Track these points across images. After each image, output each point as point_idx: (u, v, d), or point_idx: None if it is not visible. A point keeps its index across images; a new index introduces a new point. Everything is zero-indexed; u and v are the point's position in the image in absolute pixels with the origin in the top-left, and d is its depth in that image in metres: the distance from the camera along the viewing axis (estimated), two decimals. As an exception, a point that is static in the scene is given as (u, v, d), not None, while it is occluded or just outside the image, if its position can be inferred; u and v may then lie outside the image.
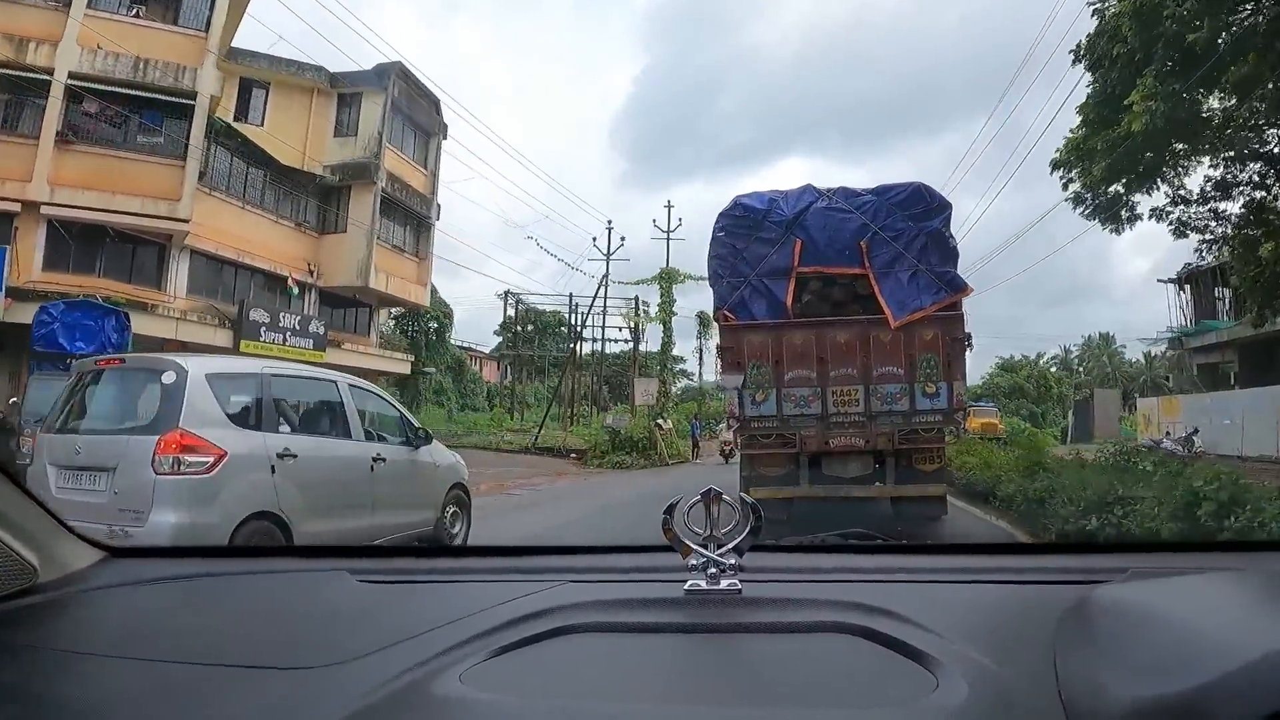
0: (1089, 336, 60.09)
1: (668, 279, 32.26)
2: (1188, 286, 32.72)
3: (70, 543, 1.61)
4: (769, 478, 9.63)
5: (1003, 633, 1.25)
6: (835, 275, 9.95)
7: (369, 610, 1.49)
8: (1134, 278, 73.29)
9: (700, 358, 48.93)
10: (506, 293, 46.15)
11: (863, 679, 1.14)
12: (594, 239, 35.97)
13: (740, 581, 1.38)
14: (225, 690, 1.16)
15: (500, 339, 51.15)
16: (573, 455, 28.46)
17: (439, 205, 31.56)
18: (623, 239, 36.23)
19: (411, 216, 30.32)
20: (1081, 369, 55.01)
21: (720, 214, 10.26)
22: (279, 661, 1.24)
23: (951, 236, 9.89)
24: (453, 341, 46.54)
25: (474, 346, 52.02)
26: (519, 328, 47.14)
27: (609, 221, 38.04)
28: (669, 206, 35.14)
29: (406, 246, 30.32)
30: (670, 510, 1.40)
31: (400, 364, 31.74)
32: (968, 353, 9.64)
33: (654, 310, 36.23)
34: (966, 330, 9.54)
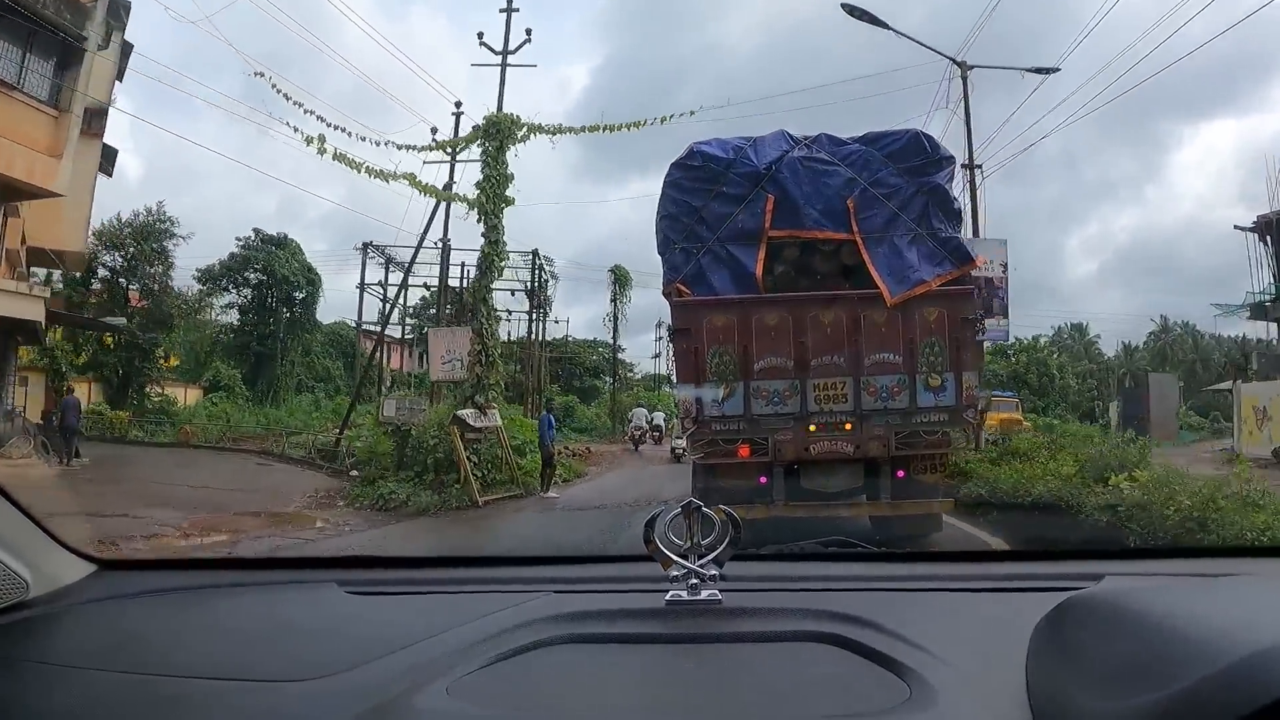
0: (1058, 327, 53.58)
1: (497, 133, 16.48)
2: (1269, 237, 24.88)
3: (61, 556, 1.63)
4: (733, 493, 7.87)
5: (977, 641, 1.28)
6: (816, 240, 8.32)
7: (357, 622, 1.52)
8: (1084, 278, 75.42)
9: (615, 326, 39.98)
10: (366, 245, 34.05)
11: (838, 688, 1.18)
12: (434, 130, 20.98)
13: (720, 591, 1.41)
14: (215, 704, 1.18)
15: (417, 318, 40.13)
16: (354, 472, 17.35)
17: (112, 27, 17.83)
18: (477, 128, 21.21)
19: (36, 29, 16.26)
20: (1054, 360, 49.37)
21: (673, 164, 8.55)
22: (269, 675, 1.25)
23: (955, 197, 8.37)
24: (350, 322, 38.50)
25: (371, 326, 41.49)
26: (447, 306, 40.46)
27: (458, 104, 22.65)
28: (509, 10, 19.68)
29: (25, 83, 16.44)
30: (651, 522, 1.42)
31: (23, 303, 17.29)
32: (979, 337, 8.12)
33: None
34: (978, 310, 8.02)
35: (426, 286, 33.12)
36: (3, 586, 1.44)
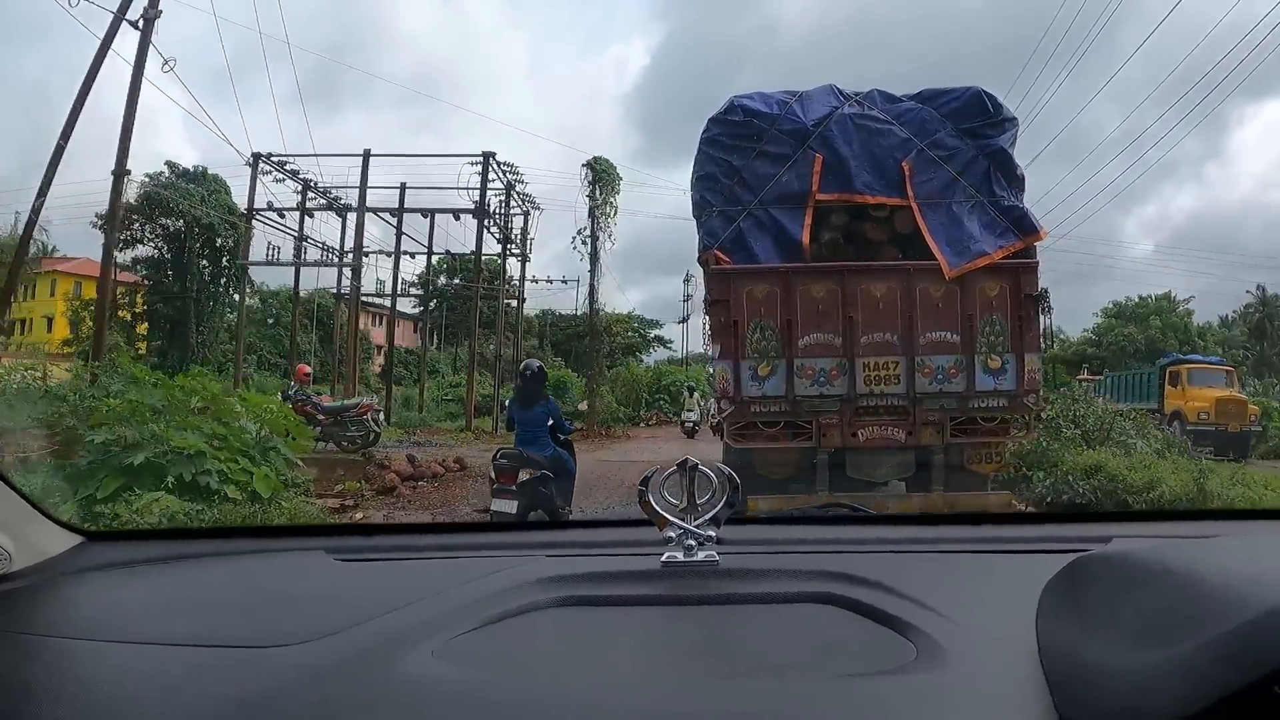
0: (1140, 297, 43.96)
1: None
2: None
3: (45, 527, 1.64)
4: (771, 481, 7.55)
5: (984, 601, 1.29)
6: (867, 206, 7.89)
7: (346, 588, 1.53)
8: (1139, 256, 74.99)
9: (593, 247, 26.76)
10: (257, 156, 24.83)
11: (842, 649, 1.18)
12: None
13: (718, 553, 1.41)
14: (204, 671, 1.19)
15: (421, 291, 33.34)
16: None
17: None
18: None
19: None
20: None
21: (711, 119, 8.03)
22: (255, 641, 1.26)
23: (1019, 162, 8.01)
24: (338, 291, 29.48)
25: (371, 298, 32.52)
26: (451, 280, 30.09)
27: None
28: None
29: None
30: (646, 482, 1.41)
31: None
32: (1044, 316, 7.84)
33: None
34: (1042, 286, 7.73)
35: (336, 208, 26.12)
36: None
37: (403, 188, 25.23)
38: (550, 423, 7.57)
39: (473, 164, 24.80)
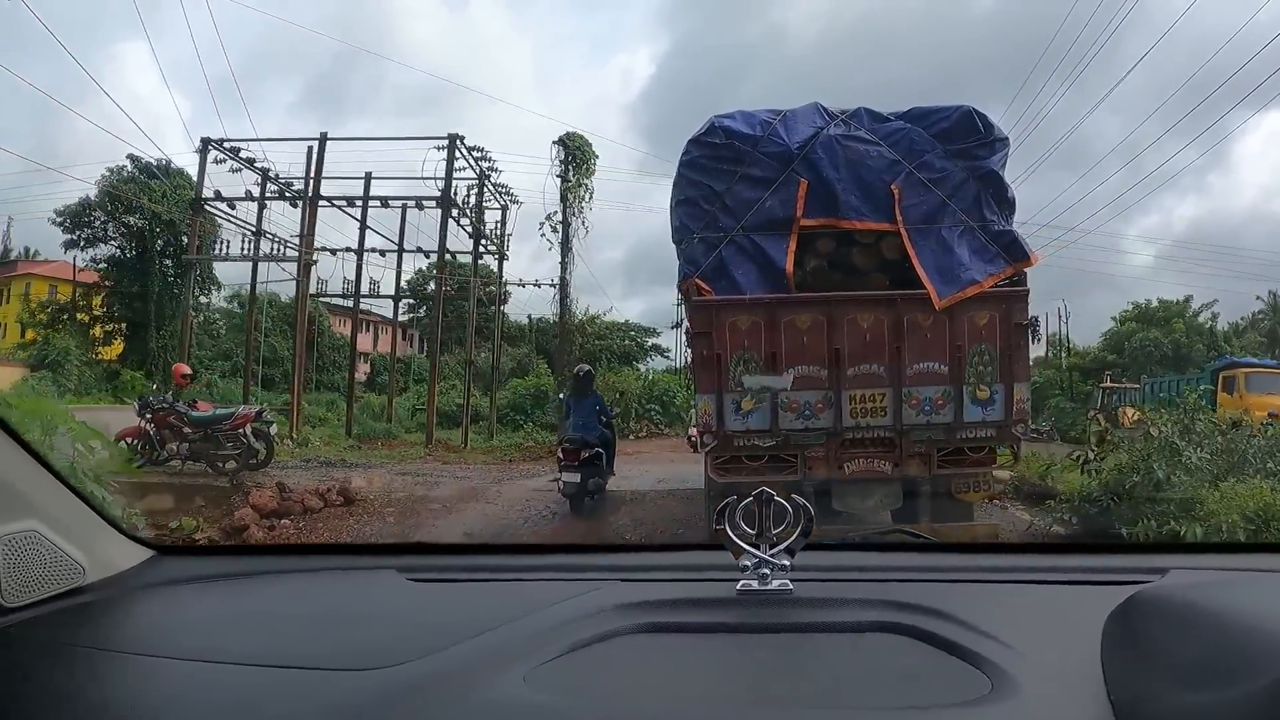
0: (1161, 300, 39.23)
1: None
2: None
3: (118, 541, 1.66)
4: None
5: (1050, 633, 1.30)
6: (855, 232, 7.66)
7: (422, 609, 1.55)
8: (1140, 266, 74.51)
9: (564, 235, 26.77)
10: (206, 141, 22.09)
11: (916, 680, 1.20)
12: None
13: (791, 581, 1.45)
14: (281, 692, 1.17)
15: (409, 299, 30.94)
16: None
17: None
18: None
19: None
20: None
21: (691, 140, 7.71)
22: (334, 662, 1.25)
23: (1010, 184, 7.80)
24: (336, 299, 27.96)
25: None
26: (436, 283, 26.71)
27: None
28: None
29: None
30: (723, 510, 1.47)
31: None
32: (1033, 344, 7.69)
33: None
34: (1031, 314, 7.56)
35: (289, 197, 23.35)
36: (59, 572, 1.45)
37: (368, 177, 23.05)
38: (597, 409, 10.33)
39: (439, 149, 22.16)
